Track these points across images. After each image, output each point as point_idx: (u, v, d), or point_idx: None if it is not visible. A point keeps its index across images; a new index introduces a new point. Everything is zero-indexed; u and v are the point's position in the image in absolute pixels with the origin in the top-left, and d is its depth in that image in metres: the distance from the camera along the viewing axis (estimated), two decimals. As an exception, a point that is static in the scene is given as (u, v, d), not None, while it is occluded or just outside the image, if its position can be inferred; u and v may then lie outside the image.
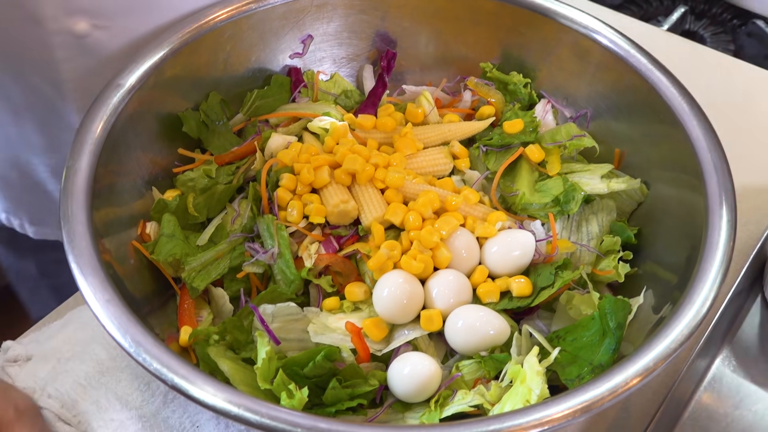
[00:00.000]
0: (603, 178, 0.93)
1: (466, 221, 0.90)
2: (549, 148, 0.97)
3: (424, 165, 0.96)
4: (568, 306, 0.84)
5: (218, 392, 0.65)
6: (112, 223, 0.85)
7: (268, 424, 0.63)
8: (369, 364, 0.82)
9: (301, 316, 0.83)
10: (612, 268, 0.87)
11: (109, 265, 0.78)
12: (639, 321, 0.82)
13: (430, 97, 1.04)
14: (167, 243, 0.87)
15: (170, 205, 0.90)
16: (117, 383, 0.88)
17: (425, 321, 0.82)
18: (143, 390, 0.88)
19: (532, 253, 0.87)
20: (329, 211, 0.88)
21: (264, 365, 0.73)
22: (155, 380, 0.88)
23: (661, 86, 0.91)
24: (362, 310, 0.86)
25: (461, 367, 0.80)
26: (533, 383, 0.73)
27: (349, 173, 0.91)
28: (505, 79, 1.04)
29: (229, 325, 0.82)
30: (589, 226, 0.92)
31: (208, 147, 0.99)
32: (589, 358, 0.77)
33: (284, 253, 0.86)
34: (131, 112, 0.90)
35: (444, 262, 0.86)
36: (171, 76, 0.95)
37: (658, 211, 0.92)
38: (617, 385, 0.67)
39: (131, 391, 0.87)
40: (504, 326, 0.81)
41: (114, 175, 0.87)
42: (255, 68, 1.05)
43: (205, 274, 0.86)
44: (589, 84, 1.01)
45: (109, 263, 0.78)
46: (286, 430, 0.63)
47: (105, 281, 0.74)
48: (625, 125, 0.98)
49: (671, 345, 0.70)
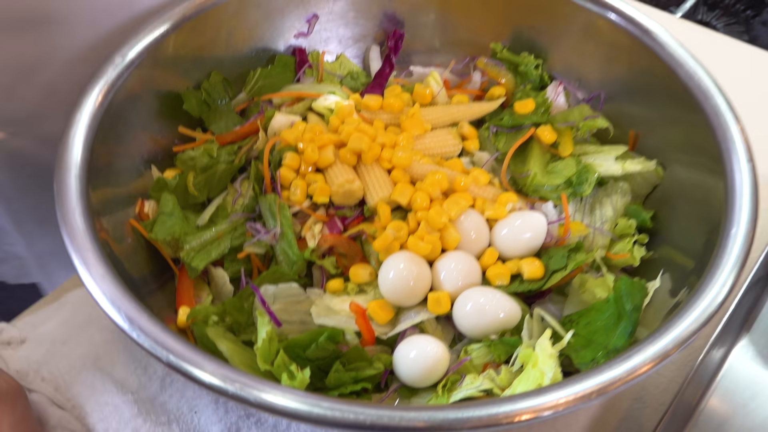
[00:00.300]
0: (617, 160, 0.90)
1: (476, 203, 0.87)
2: (561, 129, 0.93)
3: (432, 146, 0.93)
4: (582, 290, 0.80)
5: (217, 369, 0.62)
6: (110, 201, 0.82)
7: (267, 403, 0.60)
8: (374, 347, 0.79)
9: (303, 297, 0.80)
10: (627, 252, 0.84)
11: (106, 243, 0.75)
12: (655, 305, 0.79)
13: (438, 78, 1.01)
14: (166, 221, 0.84)
15: (170, 184, 0.87)
16: (113, 366, 0.85)
17: (433, 303, 0.79)
18: (140, 374, 0.85)
19: (543, 235, 0.84)
20: (334, 190, 0.85)
21: (264, 346, 0.70)
22: (153, 363, 0.86)
23: (681, 67, 0.87)
24: (367, 292, 0.83)
25: (470, 351, 0.77)
26: (546, 367, 0.69)
27: (355, 153, 0.88)
28: (515, 60, 1.01)
29: (229, 306, 0.79)
30: (603, 209, 0.89)
31: (209, 126, 0.97)
32: (604, 342, 0.74)
33: (287, 233, 0.83)
34: (130, 88, 0.87)
35: (452, 243, 0.83)
36: (172, 53, 0.93)
37: (675, 194, 0.89)
38: (634, 367, 0.63)
39: (128, 374, 0.85)
40: (515, 309, 0.78)
41: (112, 152, 0.85)
42: (258, 48, 1.02)
43: (204, 254, 0.83)
44: (603, 65, 0.98)
45: (105, 241, 0.75)
46: (286, 409, 0.60)
47: (100, 257, 0.71)
48: (640, 107, 0.94)
49: (688, 329, 0.67)
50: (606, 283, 0.78)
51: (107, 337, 0.88)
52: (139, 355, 0.86)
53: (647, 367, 0.65)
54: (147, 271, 0.85)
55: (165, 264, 0.87)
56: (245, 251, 0.84)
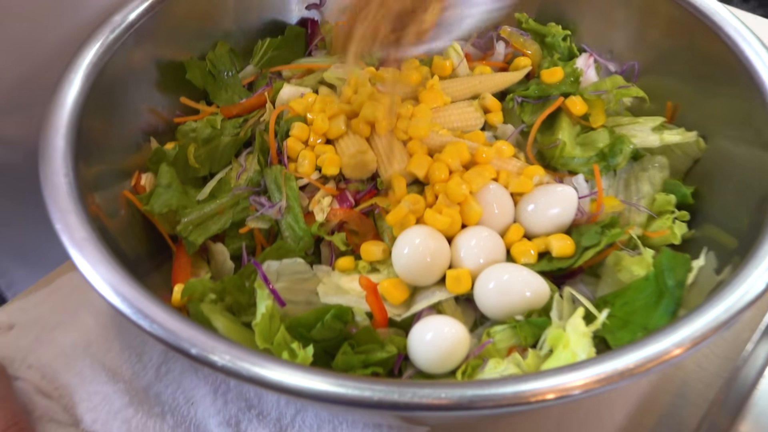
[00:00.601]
0: (654, 131, 0.82)
1: (499, 176, 0.79)
2: (592, 100, 0.86)
3: (452, 119, 0.86)
4: (617, 268, 0.73)
5: (229, 349, 0.55)
6: (104, 175, 0.76)
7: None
8: (387, 330, 0.71)
9: (310, 275, 0.73)
10: (666, 229, 0.76)
11: (98, 219, 0.69)
12: (699, 285, 0.70)
13: (459, 49, 0.94)
14: (163, 194, 0.78)
15: (168, 155, 0.81)
16: (106, 353, 0.79)
17: (452, 282, 0.72)
18: (134, 362, 0.79)
19: (573, 210, 0.76)
20: (345, 162, 0.79)
21: (264, 322, 0.63)
22: (149, 351, 0.79)
23: (728, 34, 0.79)
24: (380, 271, 0.76)
25: (493, 334, 0.69)
26: (578, 347, 0.62)
27: (368, 122, 0.81)
28: (542, 31, 0.94)
29: (229, 285, 0.72)
30: (639, 184, 0.81)
31: (214, 99, 0.91)
32: (644, 322, 0.66)
33: (293, 206, 0.77)
34: (129, 54, 0.81)
35: (474, 217, 0.75)
36: (175, 19, 0.87)
37: (718, 169, 0.81)
38: (682, 340, 0.55)
39: (121, 362, 0.78)
40: (543, 287, 0.70)
41: (107, 122, 0.79)
42: (268, 19, 0.96)
43: (203, 229, 0.77)
44: (637, 34, 0.91)
45: (97, 217, 0.69)
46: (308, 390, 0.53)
47: (92, 235, 0.65)
48: (679, 78, 0.87)
49: (728, 310, 0.59)
50: (645, 259, 0.71)
51: (101, 321, 0.82)
52: (134, 342, 0.80)
53: (681, 349, 0.56)
54: (143, 249, 0.79)
55: (162, 242, 0.80)
56: (248, 226, 0.77)
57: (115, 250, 0.66)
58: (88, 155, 0.73)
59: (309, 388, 0.53)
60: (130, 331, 0.81)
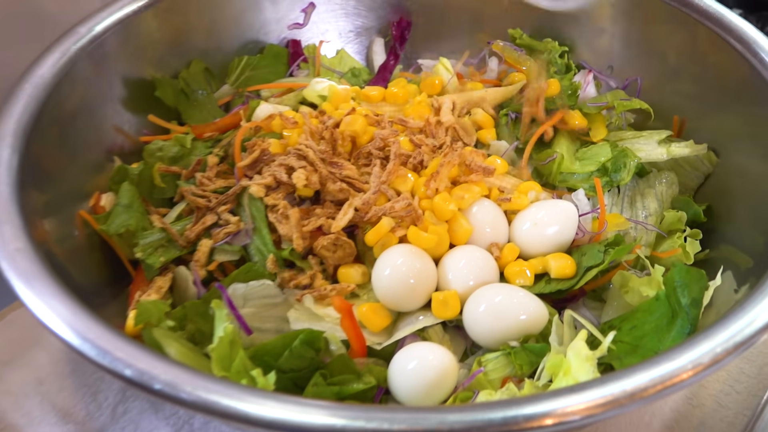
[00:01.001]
0: (661, 144, 0.75)
1: (491, 193, 0.73)
2: (592, 114, 0.80)
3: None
4: (624, 290, 0.65)
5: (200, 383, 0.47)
6: (59, 198, 0.70)
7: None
8: (365, 360, 0.63)
9: (280, 299, 0.66)
10: (678, 248, 0.69)
11: (47, 249, 0.62)
12: (717, 308, 0.63)
13: (448, 65, 0.88)
14: (122, 214, 0.71)
15: (132, 173, 0.75)
16: (58, 392, 0.73)
17: (438, 306, 0.64)
18: (88, 401, 0.72)
19: (574, 228, 0.69)
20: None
21: (222, 347, 0.55)
22: (104, 389, 0.73)
23: (739, 39, 0.73)
24: (360, 296, 0.68)
25: (485, 362, 0.61)
26: (581, 373, 0.54)
27: (349, 136, 0.75)
28: (537, 47, 0.88)
29: (191, 311, 0.64)
30: (646, 201, 0.74)
31: (186, 119, 0.85)
32: (655, 346, 0.58)
33: (260, 228, 0.70)
34: (93, 67, 0.76)
35: (463, 236, 0.68)
36: (146, 33, 0.82)
37: (732, 186, 0.74)
38: (674, 370, 0.47)
39: (74, 402, 0.73)
40: (540, 309, 0.62)
41: (65, 142, 0.73)
42: (248, 38, 0.91)
43: (164, 251, 0.69)
44: (639, 47, 0.85)
45: (45, 244, 0.62)
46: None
47: (39, 266, 0.58)
48: (686, 91, 0.81)
49: (743, 332, 0.51)
50: (654, 278, 0.63)
51: (54, 358, 0.76)
52: (89, 380, 0.74)
53: (690, 372, 0.48)
54: (100, 276, 0.72)
55: (122, 269, 0.73)
56: (216, 261, 0.70)
57: (66, 280, 0.59)
58: (40, 180, 0.67)
59: (261, 416, 0.45)
60: (85, 368, 0.74)
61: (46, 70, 0.71)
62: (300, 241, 0.68)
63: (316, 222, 0.69)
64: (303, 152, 0.72)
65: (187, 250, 0.70)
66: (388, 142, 0.73)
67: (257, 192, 0.70)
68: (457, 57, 0.94)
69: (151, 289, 0.67)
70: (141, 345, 0.51)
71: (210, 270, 0.71)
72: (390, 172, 0.71)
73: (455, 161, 0.71)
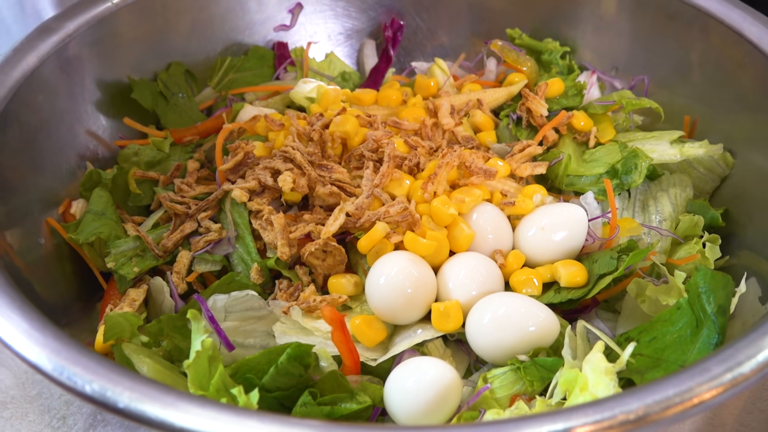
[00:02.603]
0: (673, 144, 0.70)
1: (493, 197, 0.67)
2: (599, 114, 0.75)
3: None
4: (640, 299, 0.60)
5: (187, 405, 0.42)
6: (23, 208, 0.65)
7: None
8: (359, 377, 0.58)
9: (265, 312, 0.60)
10: (697, 254, 0.64)
11: (7, 259, 0.57)
12: (742, 317, 0.58)
13: (444, 66, 0.84)
14: (93, 221, 0.65)
15: (104, 178, 0.69)
16: (23, 417, 0.69)
17: (438, 317, 0.59)
18: (57, 426, 0.67)
19: (583, 234, 0.64)
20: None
21: (199, 362, 0.50)
22: (74, 413, 0.67)
23: (752, 33, 0.69)
24: (352, 308, 0.63)
25: (491, 379, 0.56)
26: (600, 388, 0.48)
27: (339, 138, 0.69)
28: (537, 47, 0.84)
29: (167, 325, 0.59)
30: (659, 206, 0.69)
31: (165, 124, 0.79)
32: (679, 359, 0.53)
33: (243, 236, 0.64)
34: (63, 66, 0.71)
35: (464, 242, 0.63)
36: (121, 32, 0.77)
37: (751, 189, 0.70)
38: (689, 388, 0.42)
39: (41, 427, 0.69)
40: (550, 320, 0.57)
41: (32, 147, 0.68)
42: (232, 39, 0.86)
43: (139, 261, 0.64)
44: (645, 46, 0.80)
45: (4, 256, 0.57)
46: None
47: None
48: (697, 90, 0.76)
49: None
50: (674, 285, 0.58)
51: (19, 379, 0.70)
52: (56, 403, 0.68)
53: (713, 392, 0.43)
54: (68, 291, 0.67)
55: (94, 282, 0.67)
56: (196, 272, 0.64)
57: (29, 294, 0.54)
58: (1, 188, 0.61)
59: None
60: (52, 391, 0.68)
61: (10, 69, 0.66)
62: (285, 249, 0.62)
63: (305, 228, 0.64)
64: (290, 154, 0.67)
65: (164, 259, 0.65)
66: (382, 144, 0.68)
67: (240, 197, 0.65)
68: (452, 59, 0.90)
69: (124, 302, 0.61)
70: (108, 361, 0.46)
71: (189, 281, 0.65)
72: (384, 174, 0.65)
73: (454, 162, 0.66)
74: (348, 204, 0.64)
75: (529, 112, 0.75)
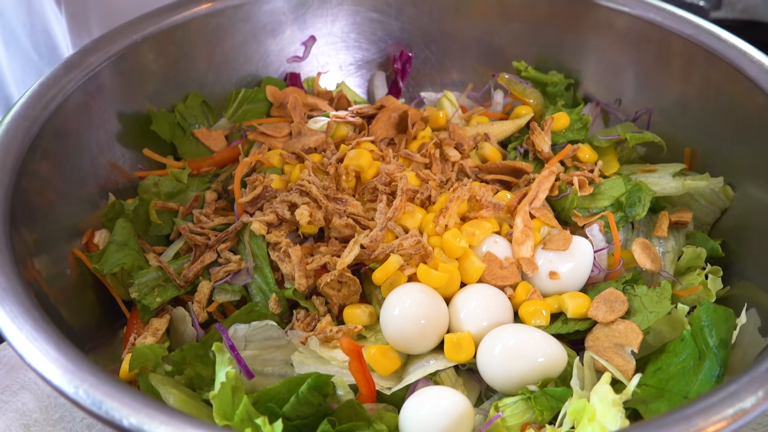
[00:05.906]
0: (675, 177, 0.73)
1: (502, 228, 0.70)
2: (603, 147, 0.77)
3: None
4: (645, 330, 0.62)
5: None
6: (50, 237, 0.67)
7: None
8: (375, 405, 0.60)
9: (283, 341, 0.63)
10: (699, 285, 0.66)
11: (36, 285, 0.59)
12: (743, 348, 0.60)
13: (453, 98, 0.86)
14: (116, 252, 0.67)
15: (127, 209, 0.72)
16: None
17: (451, 348, 0.61)
18: None
19: (589, 265, 0.67)
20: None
21: (224, 393, 0.52)
22: None
23: (752, 69, 0.72)
24: (367, 338, 0.65)
25: (502, 407, 0.58)
26: (608, 419, 0.51)
27: (353, 171, 0.72)
28: (543, 79, 0.86)
29: (189, 354, 0.61)
30: (662, 238, 0.71)
31: (182, 154, 0.82)
32: (683, 390, 0.55)
33: (261, 267, 0.67)
34: (85, 99, 0.73)
35: (474, 274, 0.65)
36: (141, 65, 0.79)
37: (750, 221, 0.72)
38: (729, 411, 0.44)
39: None
40: (558, 351, 0.59)
41: (57, 178, 0.70)
42: (247, 71, 0.88)
43: (161, 291, 0.66)
44: (648, 79, 0.83)
45: (35, 284, 0.59)
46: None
47: (24, 301, 0.55)
48: (698, 123, 0.78)
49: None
50: (678, 317, 0.60)
51: (42, 403, 0.72)
52: (78, 426, 0.69)
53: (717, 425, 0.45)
54: (94, 318, 0.69)
55: (117, 310, 0.70)
56: (216, 302, 0.67)
57: (57, 321, 0.56)
58: (30, 217, 0.64)
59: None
60: (75, 414, 0.70)
61: (37, 102, 0.69)
62: (303, 280, 0.65)
63: (321, 260, 0.66)
64: (306, 188, 0.70)
65: (185, 290, 0.67)
66: (395, 177, 0.71)
67: (259, 229, 0.67)
68: (460, 89, 0.93)
69: (147, 332, 0.63)
70: (137, 392, 0.48)
71: (209, 311, 0.67)
72: (397, 208, 0.68)
73: (465, 196, 0.69)
74: (362, 236, 0.67)
75: (533, 146, 0.77)
